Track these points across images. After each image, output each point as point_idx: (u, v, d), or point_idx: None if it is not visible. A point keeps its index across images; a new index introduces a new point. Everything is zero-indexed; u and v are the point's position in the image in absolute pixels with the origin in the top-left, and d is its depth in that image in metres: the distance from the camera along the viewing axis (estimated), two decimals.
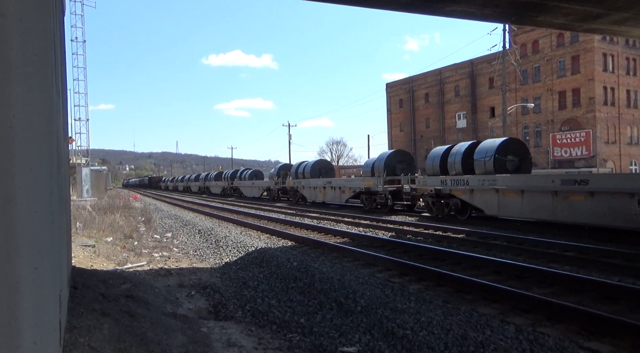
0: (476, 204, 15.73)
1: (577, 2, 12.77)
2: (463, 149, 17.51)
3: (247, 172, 45.46)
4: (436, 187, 17.42)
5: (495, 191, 14.82)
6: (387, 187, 20.71)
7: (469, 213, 16.37)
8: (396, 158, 22.64)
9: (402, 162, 22.64)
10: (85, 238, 11.89)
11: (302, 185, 29.37)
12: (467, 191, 15.96)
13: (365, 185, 22.07)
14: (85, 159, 37.36)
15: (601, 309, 5.53)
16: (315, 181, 27.86)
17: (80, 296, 5.13)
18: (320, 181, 27.13)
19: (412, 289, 6.73)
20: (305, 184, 28.96)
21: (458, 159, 17.29)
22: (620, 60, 50.51)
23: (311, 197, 28.26)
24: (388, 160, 22.23)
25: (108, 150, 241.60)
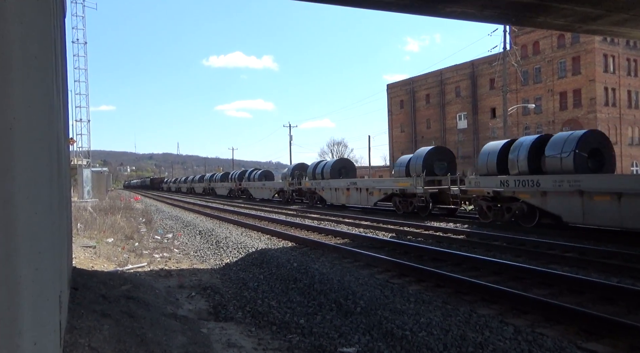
0: (550, 210, 13.17)
1: (577, 4, 12.79)
2: (529, 143, 14.82)
3: (256, 172, 42.95)
4: (495, 189, 14.79)
5: (579, 194, 12.29)
6: (428, 188, 18.21)
7: (537, 220, 13.78)
8: (436, 156, 19.91)
9: (442, 160, 19.93)
10: (86, 239, 11.92)
11: (320, 186, 26.70)
12: (537, 194, 13.46)
13: (399, 186, 19.58)
14: (87, 160, 37.45)
15: (600, 310, 5.53)
16: (337, 182, 25.30)
17: (81, 297, 5.15)
18: (343, 182, 24.59)
19: (412, 290, 6.74)
20: (325, 185, 26.28)
21: (523, 155, 14.62)
22: (621, 61, 50.51)
23: (331, 200, 25.65)
24: (427, 158, 19.56)
25: (109, 152, 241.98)
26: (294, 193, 31.81)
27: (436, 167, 19.65)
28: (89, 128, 38.03)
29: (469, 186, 16.33)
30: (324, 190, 26.39)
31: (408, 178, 19.45)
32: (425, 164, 19.48)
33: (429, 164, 19.54)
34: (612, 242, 11.00)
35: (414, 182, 18.61)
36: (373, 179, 25.69)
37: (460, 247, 10.71)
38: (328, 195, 26.04)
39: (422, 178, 18.38)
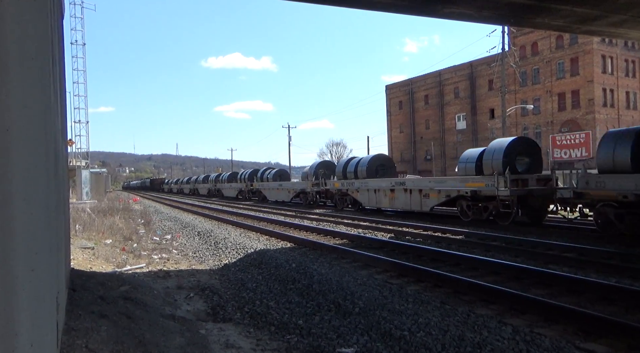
0: None
1: (575, 4, 12.82)
2: None
3: (270, 171, 38.69)
4: (635, 192, 10.90)
5: None
6: (515, 189, 14.24)
7: None
8: (517, 149, 15.70)
9: (525, 154, 15.83)
10: (85, 241, 11.90)
11: (354, 187, 22.88)
12: None
13: (471, 187, 15.62)
14: (85, 161, 37.41)
15: (598, 310, 5.54)
16: (377, 182, 21.30)
17: (79, 298, 5.14)
18: (386, 182, 20.62)
19: (410, 290, 6.74)
20: (361, 186, 22.34)
21: None
22: (620, 62, 50.63)
23: (369, 203, 21.80)
24: (509, 152, 15.30)
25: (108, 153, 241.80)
26: (317, 194, 27.91)
27: (518, 163, 15.58)
28: (88, 129, 38.03)
29: (589, 187, 12.21)
30: (359, 191, 22.55)
31: (482, 178, 15.52)
32: (506, 159, 15.18)
33: (510, 159, 15.27)
34: (611, 242, 11.01)
35: (494, 181, 14.61)
36: (428, 179, 20.47)
37: (458, 247, 10.71)
38: (364, 197, 22.22)
39: (507, 177, 14.35)
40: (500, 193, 14.42)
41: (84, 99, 37.07)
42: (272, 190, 34.78)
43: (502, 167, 14.89)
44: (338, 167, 26.28)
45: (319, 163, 30.47)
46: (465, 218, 16.09)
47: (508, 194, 14.20)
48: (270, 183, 36.05)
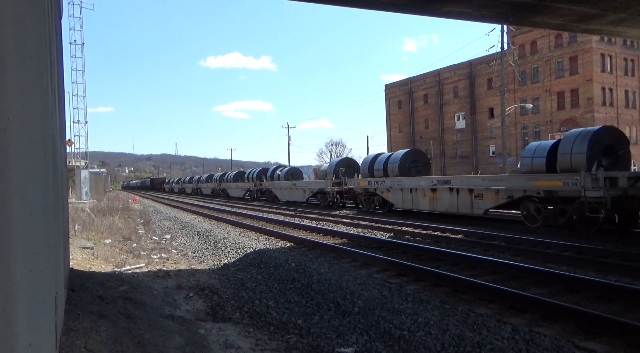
0: None
1: (574, 3, 12.83)
2: None
3: (281, 170, 35.76)
4: None
5: None
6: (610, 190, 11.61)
7: None
8: (605, 139, 12.85)
9: (612, 147, 12.93)
10: (84, 241, 11.89)
11: (385, 186, 20.44)
12: None
13: (543, 186, 13.05)
14: (84, 161, 37.37)
15: (598, 309, 5.54)
16: (415, 181, 18.79)
17: (78, 298, 5.13)
18: (425, 180, 18.24)
19: (410, 290, 6.74)
20: (393, 185, 19.88)
21: None
22: (619, 61, 50.64)
23: (403, 204, 19.34)
24: (594, 144, 12.50)
25: (107, 152, 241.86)
26: (338, 195, 25.20)
27: (604, 158, 12.79)
28: (87, 129, 37.97)
29: None
30: (391, 191, 20.04)
31: (558, 175, 12.97)
32: (591, 152, 12.44)
33: (595, 153, 12.53)
34: (610, 241, 11.02)
35: (577, 180, 12.02)
36: (481, 177, 17.04)
37: (458, 247, 10.71)
38: (397, 197, 19.67)
39: (598, 175, 11.70)
40: (589, 195, 11.80)
41: (83, 99, 37.04)
42: (284, 189, 32.04)
43: (587, 163, 12.22)
44: (363, 164, 23.64)
45: (339, 160, 27.62)
46: (532, 224, 13.53)
47: (600, 195, 11.56)
48: (282, 183, 33.15)
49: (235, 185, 43.82)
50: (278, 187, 33.03)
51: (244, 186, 40.78)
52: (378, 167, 21.95)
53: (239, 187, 42.36)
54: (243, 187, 41.05)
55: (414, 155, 21.58)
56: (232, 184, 44.97)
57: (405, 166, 20.67)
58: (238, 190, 42.45)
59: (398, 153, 21.83)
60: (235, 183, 44.22)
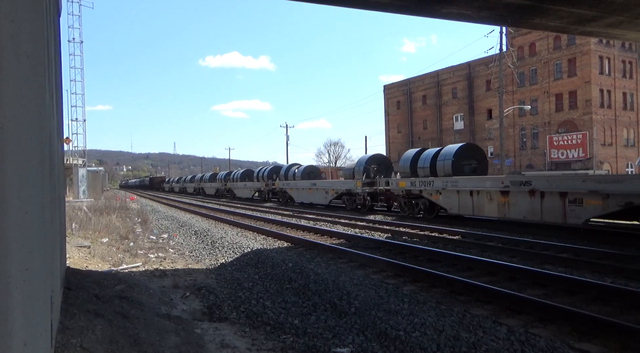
0: None
1: (572, 5, 12.86)
2: None
3: (297, 169, 32.39)
4: None
5: None
6: None
7: None
8: None
9: None
10: (81, 239, 11.87)
11: (433, 187, 17.18)
12: None
13: None
14: (82, 159, 37.29)
15: (593, 310, 5.56)
16: (477, 181, 15.62)
17: (74, 297, 5.13)
18: (492, 181, 15.02)
19: (406, 290, 6.75)
20: (446, 186, 16.52)
21: None
22: (617, 63, 50.77)
23: (462, 209, 16.09)
24: None
25: (105, 151, 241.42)
26: (370, 196, 22.25)
27: None
28: (85, 127, 37.84)
29: None
30: (443, 193, 16.73)
31: None
32: None
33: None
34: (607, 242, 11.05)
35: None
36: (581, 176, 13.88)
37: (455, 248, 10.73)
38: (451, 201, 16.42)
39: None
40: None
41: (81, 97, 36.93)
42: (301, 190, 28.77)
43: None
44: (403, 162, 20.38)
45: (369, 157, 24.47)
46: None
47: None
48: (299, 182, 29.79)
49: (242, 185, 41.28)
50: (294, 186, 29.97)
51: (253, 186, 38.32)
52: (423, 164, 18.74)
53: (247, 187, 39.89)
54: (252, 187, 38.55)
55: (468, 151, 18.09)
56: (239, 183, 42.42)
57: (458, 164, 17.51)
58: (246, 190, 39.98)
59: (450, 148, 18.38)
60: (242, 182, 41.75)
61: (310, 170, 32.12)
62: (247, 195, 39.78)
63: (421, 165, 19.02)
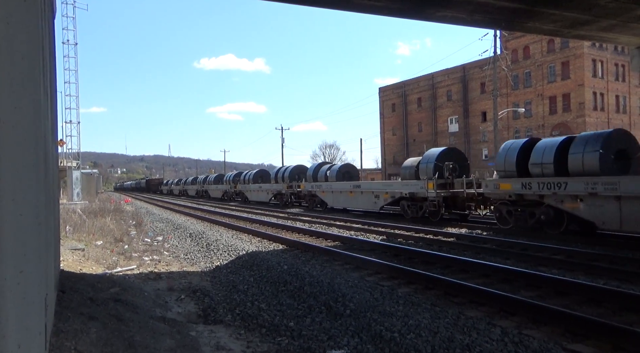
0: None
1: (566, 9, 12.97)
2: None
3: (331, 168, 27.86)
4: None
5: None
6: None
7: None
8: None
9: None
10: (75, 242, 11.81)
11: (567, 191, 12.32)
12: None
13: None
14: (76, 161, 37.09)
15: (586, 312, 5.60)
16: None
17: (68, 300, 5.10)
18: None
19: (401, 292, 6.77)
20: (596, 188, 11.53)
21: None
22: (610, 66, 51.22)
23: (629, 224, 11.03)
24: None
25: (99, 153, 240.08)
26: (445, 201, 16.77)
27: None
28: (79, 130, 37.69)
29: None
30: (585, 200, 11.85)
31: None
32: None
33: None
34: (600, 244, 11.13)
35: None
36: None
37: (450, 250, 10.77)
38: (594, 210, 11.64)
39: None
40: None
41: (76, 99, 36.78)
42: (338, 193, 24.06)
43: None
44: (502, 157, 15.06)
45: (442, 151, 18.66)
46: None
47: None
48: (334, 184, 25.09)
49: (257, 187, 36.65)
50: (327, 189, 25.18)
51: (271, 188, 33.78)
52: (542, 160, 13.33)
53: (262, 189, 35.31)
54: (269, 189, 33.99)
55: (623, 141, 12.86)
56: (252, 186, 37.89)
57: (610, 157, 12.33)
58: (262, 193, 35.32)
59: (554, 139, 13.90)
60: (256, 184, 37.46)
61: (346, 169, 27.53)
62: (262, 198, 35.32)
63: (537, 161, 13.73)
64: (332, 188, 25.05)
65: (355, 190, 22.45)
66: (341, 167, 27.55)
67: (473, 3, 12.44)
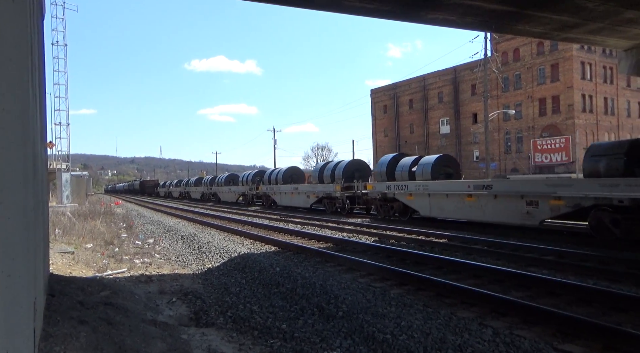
0: None
1: (554, 12, 13.13)
2: None
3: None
4: None
5: None
6: None
7: None
8: None
9: None
10: (65, 245, 11.68)
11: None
12: None
13: None
14: (66, 164, 36.71)
15: (576, 312, 5.65)
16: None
17: (57, 304, 5.04)
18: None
19: (393, 294, 6.78)
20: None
21: None
22: (598, 69, 51.88)
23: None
24: None
25: (90, 155, 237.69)
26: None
27: None
28: (69, 131, 37.24)
29: None
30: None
31: None
32: None
33: None
34: (589, 244, 11.24)
35: None
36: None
37: (441, 251, 10.82)
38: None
39: None
40: None
41: (65, 101, 36.39)
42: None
43: None
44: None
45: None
46: None
47: None
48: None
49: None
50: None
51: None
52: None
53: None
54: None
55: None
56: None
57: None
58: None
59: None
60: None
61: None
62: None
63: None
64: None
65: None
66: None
67: (464, 5, 12.54)
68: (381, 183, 19.65)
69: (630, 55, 17.00)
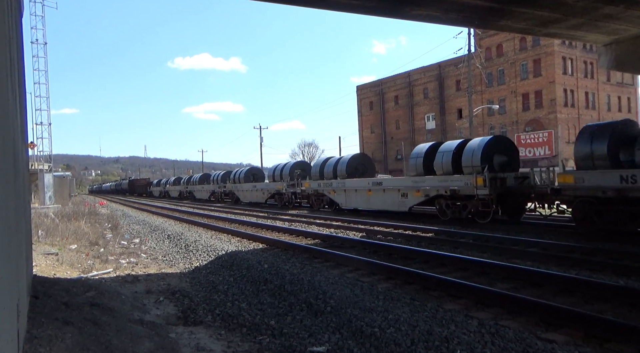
0: None
1: (536, 8, 13.29)
2: None
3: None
4: None
5: None
6: None
7: None
8: None
9: None
10: (48, 247, 11.50)
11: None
12: None
13: None
14: (48, 164, 36.08)
15: (559, 301, 5.77)
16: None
17: (42, 305, 4.98)
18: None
19: (381, 288, 6.84)
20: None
21: None
22: (579, 64, 52.72)
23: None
24: None
25: (72, 156, 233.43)
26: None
27: None
28: (50, 131, 36.62)
29: None
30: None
31: None
32: None
33: None
34: (572, 236, 11.47)
35: None
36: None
37: (428, 245, 10.93)
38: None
39: None
40: None
41: (46, 100, 35.74)
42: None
43: None
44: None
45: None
46: None
47: None
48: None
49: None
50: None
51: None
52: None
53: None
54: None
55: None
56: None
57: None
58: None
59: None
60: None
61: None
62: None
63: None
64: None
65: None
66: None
67: (447, 2, 12.62)
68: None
69: (610, 50, 17.30)
